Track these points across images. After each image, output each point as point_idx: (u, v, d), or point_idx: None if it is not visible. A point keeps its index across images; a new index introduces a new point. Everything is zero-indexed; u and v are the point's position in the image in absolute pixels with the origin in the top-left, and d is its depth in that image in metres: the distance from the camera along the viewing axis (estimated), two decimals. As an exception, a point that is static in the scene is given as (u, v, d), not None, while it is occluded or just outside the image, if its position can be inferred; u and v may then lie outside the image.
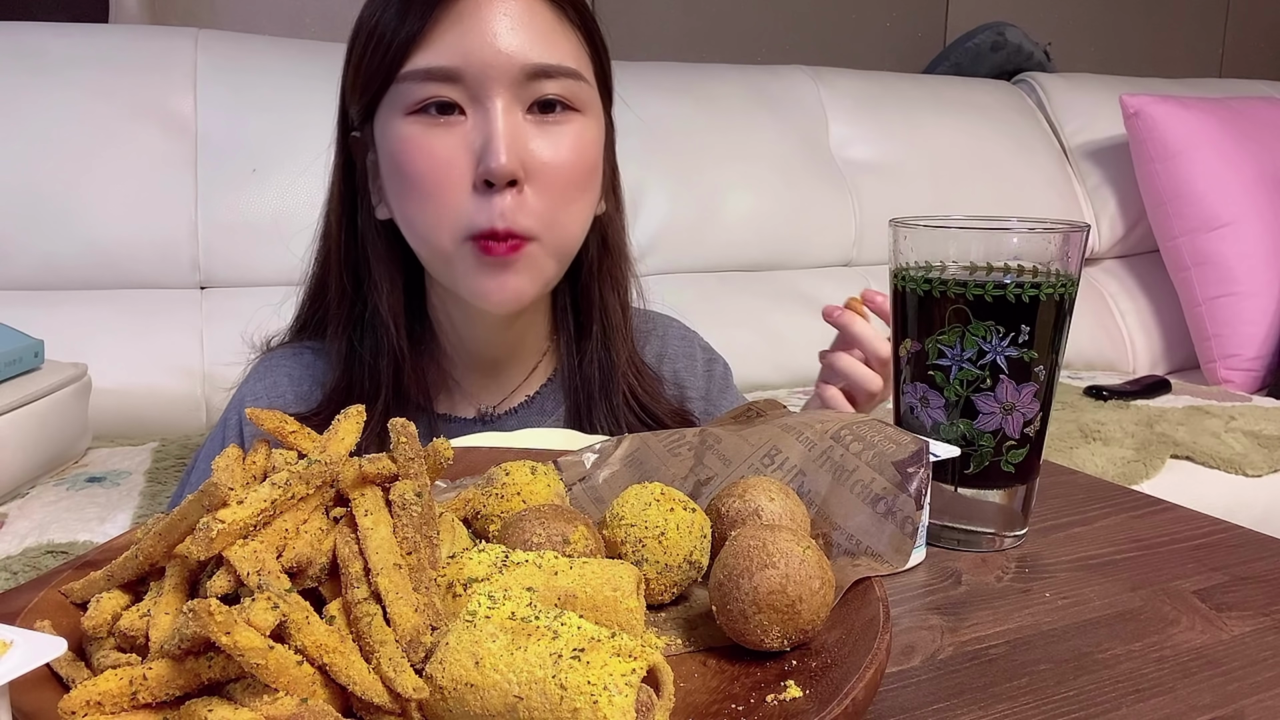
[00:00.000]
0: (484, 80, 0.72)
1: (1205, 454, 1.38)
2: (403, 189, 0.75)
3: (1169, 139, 2.01)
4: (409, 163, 0.73)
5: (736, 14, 2.26)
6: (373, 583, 0.40)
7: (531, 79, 0.73)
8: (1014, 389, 0.57)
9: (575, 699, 0.35)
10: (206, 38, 1.56)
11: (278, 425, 0.50)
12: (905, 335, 0.60)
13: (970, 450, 0.59)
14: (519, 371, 0.88)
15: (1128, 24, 2.72)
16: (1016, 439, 0.59)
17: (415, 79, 0.72)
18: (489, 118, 0.72)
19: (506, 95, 0.72)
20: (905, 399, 0.61)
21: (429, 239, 0.75)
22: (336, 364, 0.82)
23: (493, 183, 0.71)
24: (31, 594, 0.45)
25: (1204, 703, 0.44)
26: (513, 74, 0.72)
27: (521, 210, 0.73)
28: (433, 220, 0.74)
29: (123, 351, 1.37)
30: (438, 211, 0.73)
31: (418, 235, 0.76)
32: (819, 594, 0.43)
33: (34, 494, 1.02)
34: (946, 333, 0.56)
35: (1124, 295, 2.15)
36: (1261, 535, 0.63)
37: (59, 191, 1.39)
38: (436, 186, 0.72)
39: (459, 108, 0.73)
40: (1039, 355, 0.57)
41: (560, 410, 0.87)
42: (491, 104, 0.72)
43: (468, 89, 0.72)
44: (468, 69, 0.71)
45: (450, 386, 0.87)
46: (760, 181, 1.82)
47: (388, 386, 0.80)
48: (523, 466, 0.55)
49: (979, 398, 0.57)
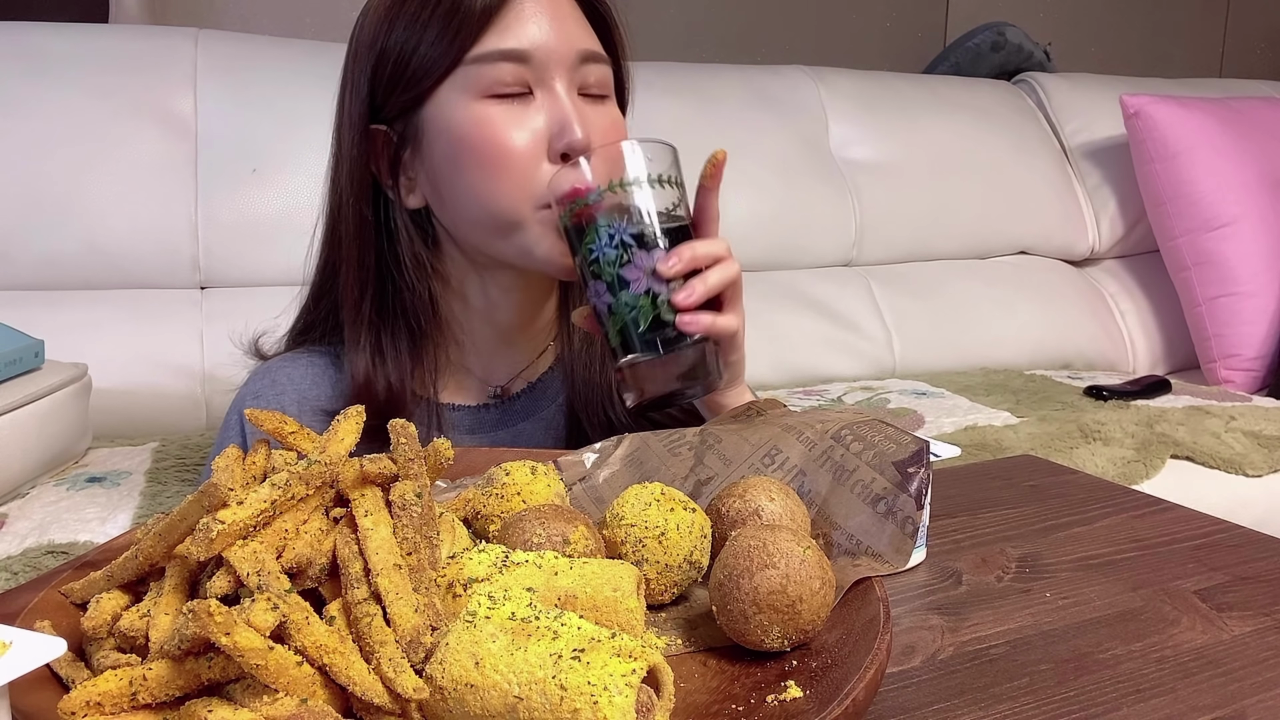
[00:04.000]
0: (549, 63, 0.78)
1: (1205, 454, 1.38)
2: (475, 167, 0.79)
3: (1169, 139, 2.01)
4: (488, 142, 0.77)
5: (736, 14, 2.26)
6: (373, 583, 0.40)
7: (583, 63, 0.79)
8: (647, 255, 0.69)
9: (575, 699, 0.34)
10: (206, 38, 1.56)
11: (277, 426, 0.50)
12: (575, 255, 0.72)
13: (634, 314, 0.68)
14: (534, 346, 0.90)
15: (1128, 24, 2.72)
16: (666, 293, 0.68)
17: (489, 60, 0.77)
18: (557, 98, 0.78)
19: (566, 78, 0.78)
20: (592, 302, 0.71)
21: (502, 211, 0.79)
22: (358, 359, 0.83)
23: (570, 155, 0.76)
24: (31, 594, 0.45)
25: (1205, 703, 0.44)
26: (570, 58, 0.78)
27: None
28: (509, 190, 0.78)
29: (123, 351, 1.36)
30: (516, 182, 0.78)
31: (483, 212, 0.80)
32: (819, 594, 0.43)
33: (34, 494, 1.02)
34: (588, 234, 0.69)
35: (1124, 295, 2.15)
36: (1261, 535, 0.63)
37: (59, 191, 1.39)
38: (518, 159, 0.77)
39: (528, 89, 0.78)
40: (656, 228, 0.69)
41: (563, 398, 0.90)
42: (556, 85, 0.78)
43: (534, 70, 0.77)
44: (535, 52, 0.77)
45: (459, 374, 0.89)
46: (760, 181, 1.82)
47: (412, 375, 0.83)
48: (523, 466, 0.55)
49: (625, 270, 0.69)
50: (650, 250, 0.69)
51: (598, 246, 0.69)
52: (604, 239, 0.69)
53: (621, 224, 0.69)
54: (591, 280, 0.70)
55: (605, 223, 0.69)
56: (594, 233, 0.69)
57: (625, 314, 0.69)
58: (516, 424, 0.88)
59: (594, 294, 0.70)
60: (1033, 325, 1.95)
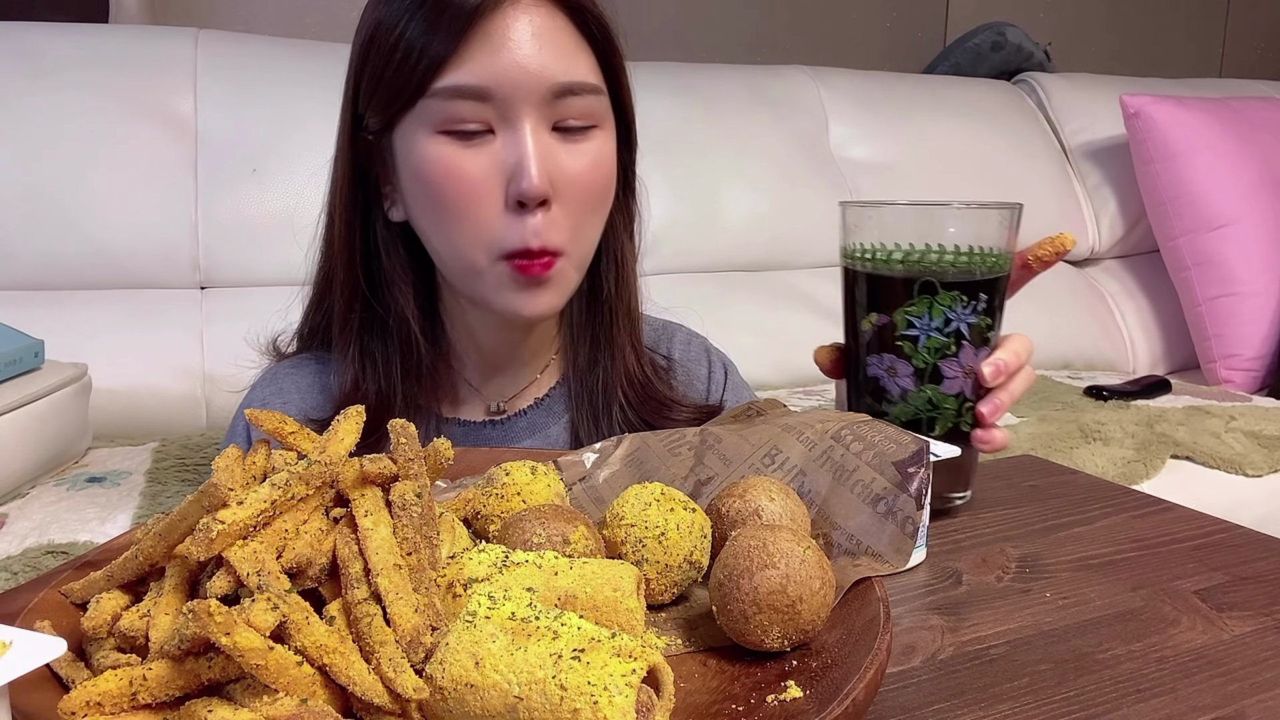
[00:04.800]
0: (513, 100, 0.72)
1: (1205, 454, 1.38)
2: (432, 207, 0.75)
3: (1169, 139, 2.01)
4: (439, 183, 0.73)
5: (736, 14, 2.26)
6: (373, 583, 0.40)
7: (558, 97, 0.73)
8: (974, 353, 0.60)
9: (575, 699, 0.34)
10: (206, 38, 1.56)
11: (277, 426, 0.50)
12: (870, 311, 0.62)
13: (934, 414, 0.61)
14: (533, 369, 0.88)
15: (1128, 24, 2.72)
16: (974, 400, 0.62)
17: (444, 96, 0.72)
18: (519, 138, 0.72)
19: (534, 115, 0.72)
20: (870, 370, 0.62)
21: (460, 256, 0.76)
22: (345, 369, 0.82)
23: (525, 203, 0.72)
24: (31, 594, 0.45)
25: (1205, 703, 0.44)
26: (540, 93, 0.72)
27: (552, 227, 0.74)
28: (466, 239, 0.74)
29: (123, 351, 1.36)
30: (471, 231, 0.74)
31: (447, 251, 0.77)
32: (819, 594, 0.43)
33: (34, 494, 1.02)
34: (915, 304, 0.58)
35: (1124, 295, 2.15)
36: (1261, 535, 0.63)
37: (59, 191, 1.39)
38: (469, 206, 0.73)
39: (489, 128, 0.73)
40: (991, 321, 0.61)
41: (567, 417, 0.87)
42: (521, 124, 0.72)
43: (496, 108, 0.72)
44: (498, 89, 0.71)
45: (458, 388, 0.87)
46: (760, 181, 1.82)
47: (400, 390, 0.80)
48: (523, 467, 0.55)
49: (945, 363, 0.60)
50: (978, 349, 0.60)
51: (925, 325, 0.58)
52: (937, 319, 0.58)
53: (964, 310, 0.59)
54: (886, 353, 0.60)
55: (949, 301, 0.58)
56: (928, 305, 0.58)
57: (922, 409, 0.60)
58: (520, 441, 0.86)
59: (880, 365, 0.61)
60: (1032, 325, 1.94)
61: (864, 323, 0.62)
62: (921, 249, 0.59)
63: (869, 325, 0.62)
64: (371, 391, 0.80)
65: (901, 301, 0.59)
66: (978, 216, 0.60)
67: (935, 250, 0.59)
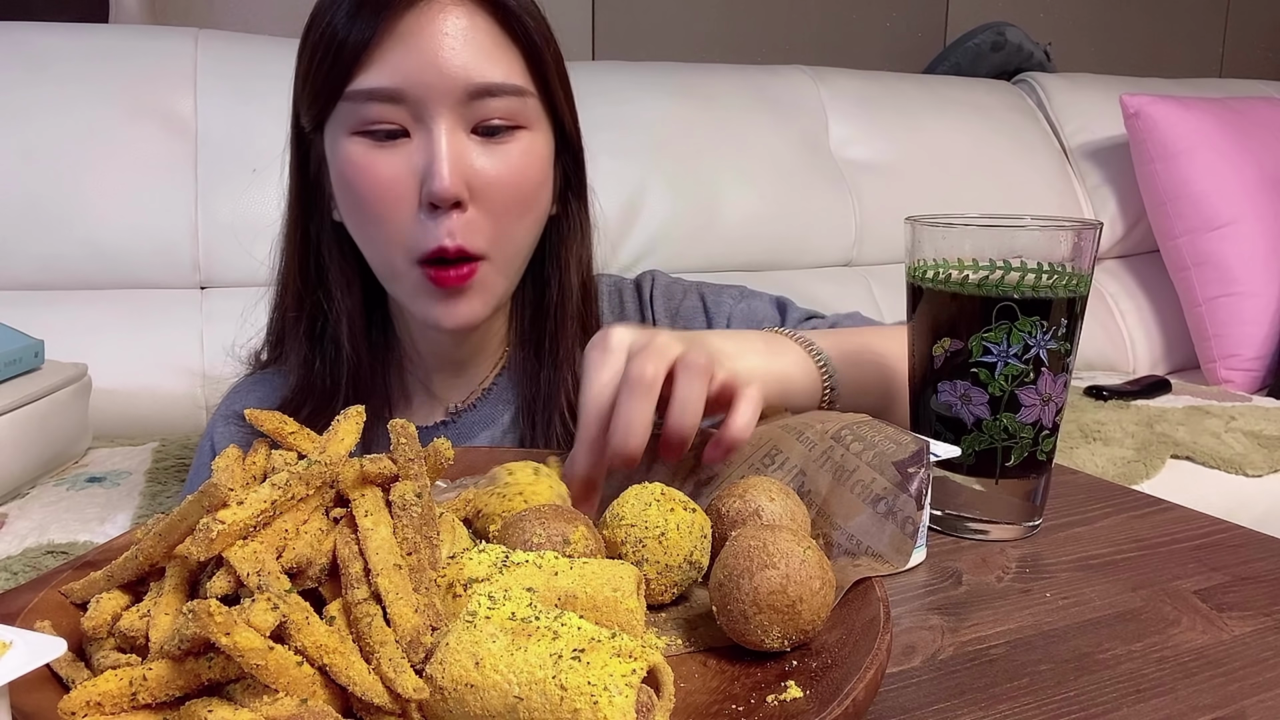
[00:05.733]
0: (426, 101, 0.71)
1: (1205, 454, 1.38)
2: (352, 209, 0.75)
3: (1169, 139, 2.01)
4: (355, 185, 0.73)
5: (736, 14, 2.26)
6: (373, 583, 0.40)
7: (475, 98, 0.72)
8: (1052, 380, 0.57)
9: (575, 699, 0.34)
10: (206, 38, 1.56)
11: (277, 426, 0.50)
12: (943, 335, 0.59)
13: (1011, 443, 0.59)
14: (483, 370, 0.87)
15: (1128, 24, 2.72)
16: (1050, 428, 0.59)
17: (359, 99, 0.72)
18: (432, 139, 0.71)
19: (450, 116, 0.72)
20: (942, 397, 0.60)
21: (380, 258, 0.76)
22: (292, 371, 0.82)
23: (438, 205, 0.71)
24: (31, 594, 0.45)
25: (1205, 703, 0.44)
26: (456, 95, 0.71)
27: (469, 230, 0.73)
28: (382, 241, 0.74)
29: (123, 351, 1.37)
30: (386, 232, 0.73)
31: (369, 253, 0.77)
32: (819, 594, 0.43)
33: (34, 494, 1.02)
34: (994, 330, 0.56)
35: (1124, 295, 2.15)
36: (1262, 535, 0.63)
37: (59, 191, 1.39)
38: (384, 208, 0.73)
39: (403, 129, 0.72)
40: (1070, 347, 0.58)
41: (514, 408, 0.86)
42: (435, 125, 0.71)
43: (411, 109, 0.72)
44: (411, 90, 0.71)
45: (412, 392, 0.86)
46: (760, 181, 1.81)
47: (345, 395, 0.79)
48: (525, 467, 0.55)
49: (1022, 391, 0.57)
50: (1057, 375, 0.56)
51: (1003, 351, 0.55)
52: (1016, 346, 0.55)
53: (1044, 336, 0.56)
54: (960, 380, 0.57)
55: (1028, 327, 0.55)
56: (1007, 331, 0.55)
57: (998, 438, 0.57)
58: (475, 436, 0.85)
59: (953, 392, 0.58)
60: (1033, 325, 1.95)
61: (935, 348, 0.59)
62: (990, 265, 0.57)
63: (941, 350, 0.59)
64: (315, 395, 0.79)
65: (978, 327, 0.57)
66: (1052, 236, 0.57)
67: (1010, 267, 0.57)
